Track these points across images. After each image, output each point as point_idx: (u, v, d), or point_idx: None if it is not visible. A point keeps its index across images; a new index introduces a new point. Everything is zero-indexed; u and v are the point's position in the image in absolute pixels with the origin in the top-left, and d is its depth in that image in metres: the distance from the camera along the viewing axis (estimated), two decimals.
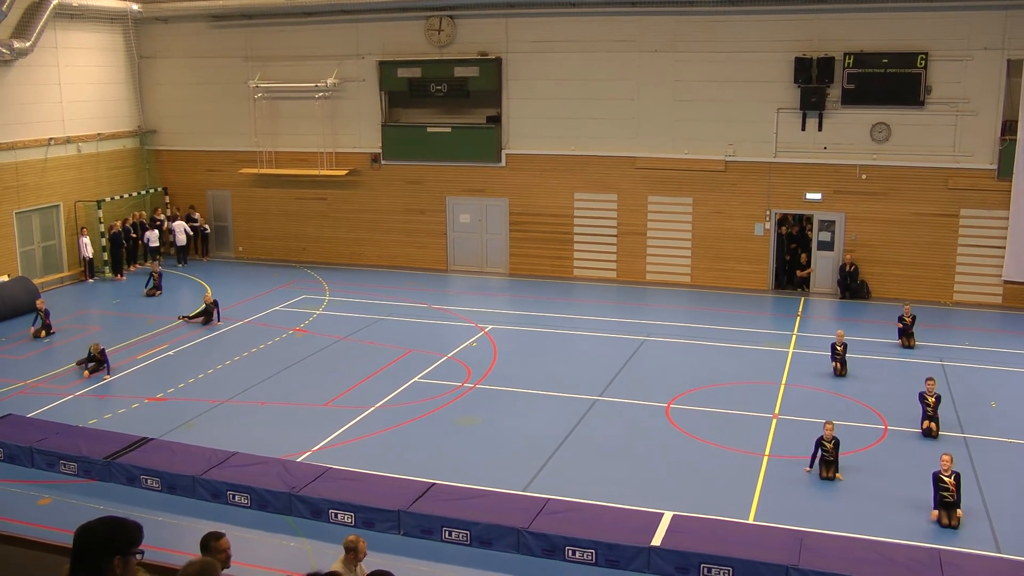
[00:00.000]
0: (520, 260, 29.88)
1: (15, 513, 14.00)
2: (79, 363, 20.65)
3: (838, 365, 20.06)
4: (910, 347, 21.86)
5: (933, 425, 16.80)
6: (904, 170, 25.94)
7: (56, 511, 14.16)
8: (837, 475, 15.09)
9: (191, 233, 31.96)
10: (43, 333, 23.27)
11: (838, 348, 20.16)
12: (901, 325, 22.11)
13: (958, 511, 13.58)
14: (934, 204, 25.86)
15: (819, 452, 15.24)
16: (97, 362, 20.47)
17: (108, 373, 20.35)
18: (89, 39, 30.45)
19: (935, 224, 25.94)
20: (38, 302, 23.86)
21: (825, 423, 15.48)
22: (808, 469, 15.31)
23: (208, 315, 24.28)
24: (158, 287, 27.54)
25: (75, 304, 26.52)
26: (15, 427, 16.73)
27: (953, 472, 13.68)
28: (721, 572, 12.09)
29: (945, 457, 13.85)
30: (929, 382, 17.14)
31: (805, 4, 25.94)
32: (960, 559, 12.21)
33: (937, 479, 13.67)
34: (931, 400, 16.92)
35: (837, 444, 15.21)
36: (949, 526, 13.47)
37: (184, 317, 24.63)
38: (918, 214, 26.04)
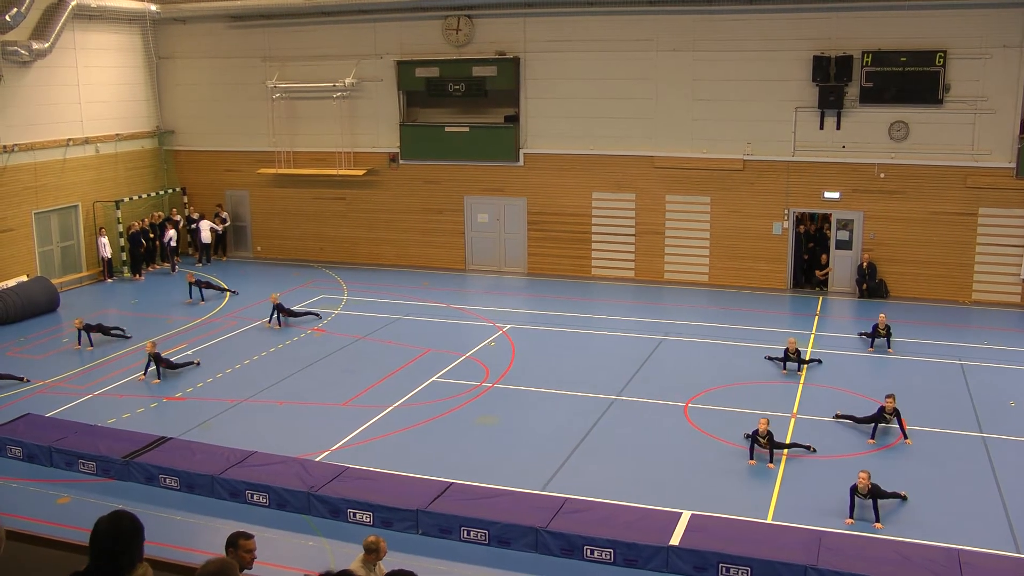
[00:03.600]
0: (538, 259, 29.87)
1: (34, 512, 14.09)
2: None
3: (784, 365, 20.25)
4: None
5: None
6: (922, 169, 25.79)
7: (75, 510, 14.23)
8: (770, 464, 15.48)
9: (219, 232, 32.16)
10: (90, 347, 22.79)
11: (791, 353, 20.22)
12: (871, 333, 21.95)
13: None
14: (952, 203, 25.70)
15: (754, 444, 15.71)
16: (156, 365, 20.33)
17: (159, 376, 20.29)
18: (107, 40, 30.61)
19: (953, 223, 25.78)
20: (76, 321, 22.84)
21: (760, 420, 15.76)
22: (752, 461, 15.65)
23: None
24: (202, 296, 26.82)
25: (94, 304, 26.64)
26: (34, 427, 16.84)
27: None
28: (740, 572, 12.06)
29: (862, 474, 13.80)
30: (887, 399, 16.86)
31: (823, 2, 25.80)
32: (979, 559, 12.14)
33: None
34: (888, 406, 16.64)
35: (771, 437, 15.57)
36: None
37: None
38: (936, 213, 25.89)
